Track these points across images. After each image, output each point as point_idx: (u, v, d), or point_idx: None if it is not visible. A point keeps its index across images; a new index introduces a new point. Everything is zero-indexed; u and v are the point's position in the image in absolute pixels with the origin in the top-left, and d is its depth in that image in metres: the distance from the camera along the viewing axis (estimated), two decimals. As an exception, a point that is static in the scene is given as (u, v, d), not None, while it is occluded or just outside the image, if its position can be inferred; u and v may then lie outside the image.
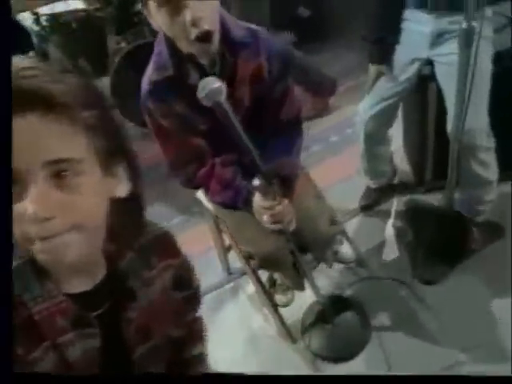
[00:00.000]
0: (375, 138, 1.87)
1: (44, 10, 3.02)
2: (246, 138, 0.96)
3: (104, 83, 3.10)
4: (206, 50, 1.08)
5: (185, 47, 1.09)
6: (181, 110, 1.17)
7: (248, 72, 1.20)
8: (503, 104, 1.66)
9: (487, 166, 1.63)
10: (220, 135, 1.10)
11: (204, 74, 1.15)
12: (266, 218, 1.15)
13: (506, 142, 1.67)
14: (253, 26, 1.22)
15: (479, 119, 1.52)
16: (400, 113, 2.04)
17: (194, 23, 0.99)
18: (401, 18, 1.61)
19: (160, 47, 1.15)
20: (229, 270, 2.04)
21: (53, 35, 3.06)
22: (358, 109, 1.83)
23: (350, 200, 2.23)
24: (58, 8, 3.09)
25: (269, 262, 1.39)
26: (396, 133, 2.16)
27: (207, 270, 2.04)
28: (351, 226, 2.13)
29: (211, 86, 0.92)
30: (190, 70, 1.15)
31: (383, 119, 1.79)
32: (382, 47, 1.65)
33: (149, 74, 1.17)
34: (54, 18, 3.00)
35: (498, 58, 1.58)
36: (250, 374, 0.59)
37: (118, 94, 2.83)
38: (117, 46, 3.03)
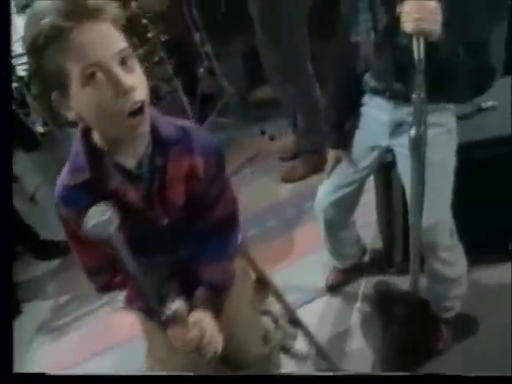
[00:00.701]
0: (337, 225, 1.73)
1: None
2: (139, 277, 0.85)
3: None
4: (137, 124, 0.93)
5: (114, 128, 0.94)
6: None
7: (181, 172, 1.07)
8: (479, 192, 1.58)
9: (451, 264, 1.49)
10: (139, 243, 0.98)
11: (129, 176, 1.04)
12: (177, 343, 1.02)
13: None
14: (183, 122, 1.12)
15: (439, 216, 1.39)
16: (373, 190, 1.93)
17: (126, 94, 0.87)
18: (360, 102, 1.51)
19: (77, 149, 1.04)
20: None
21: (31, 85, 3.01)
22: (317, 196, 1.70)
23: (317, 276, 2.10)
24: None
25: None
26: (370, 207, 2.06)
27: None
28: (316, 308, 1.99)
29: (100, 217, 0.81)
30: (111, 173, 1.02)
31: (344, 207, 1.65)
32: (341, 132, 1.55)
33: (62, 178, 1.04)
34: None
35: (464, 149, 1.46)
36: None
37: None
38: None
